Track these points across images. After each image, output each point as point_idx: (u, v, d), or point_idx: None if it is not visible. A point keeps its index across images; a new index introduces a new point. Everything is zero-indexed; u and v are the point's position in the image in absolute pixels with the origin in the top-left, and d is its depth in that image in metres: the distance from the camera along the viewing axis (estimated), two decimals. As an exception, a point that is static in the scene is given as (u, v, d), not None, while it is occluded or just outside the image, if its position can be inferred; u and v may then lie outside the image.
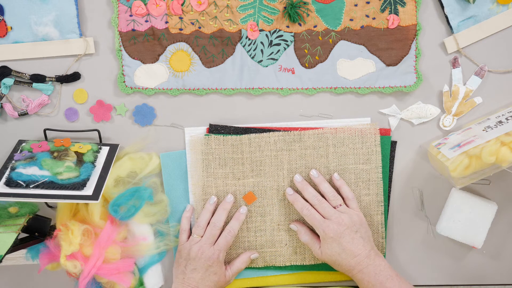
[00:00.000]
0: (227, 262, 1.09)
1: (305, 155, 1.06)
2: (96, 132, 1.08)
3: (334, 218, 1.00)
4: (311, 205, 1.03)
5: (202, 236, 1.05)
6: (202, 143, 1.07)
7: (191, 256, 1.03)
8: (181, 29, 1.04)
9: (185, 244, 1.05)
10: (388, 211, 1.10)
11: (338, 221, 1.00)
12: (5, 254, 0.95)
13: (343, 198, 1.04)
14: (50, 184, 0.97)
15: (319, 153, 1.06)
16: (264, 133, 1.06)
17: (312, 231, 1.06)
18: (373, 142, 1.06)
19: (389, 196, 1.10)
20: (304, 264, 1.09)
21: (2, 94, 1.06)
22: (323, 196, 1.04)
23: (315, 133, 1.06)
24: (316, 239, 1.04)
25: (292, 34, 1.05)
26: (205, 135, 1.07)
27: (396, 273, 0.99)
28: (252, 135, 1.06)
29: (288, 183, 1.06)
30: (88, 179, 0.99)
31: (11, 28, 1.04)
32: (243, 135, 1.06)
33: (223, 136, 1.06)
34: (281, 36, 1.05)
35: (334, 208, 1.02)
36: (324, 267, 1.11)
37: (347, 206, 1.03)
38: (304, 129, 1.07)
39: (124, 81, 1.06)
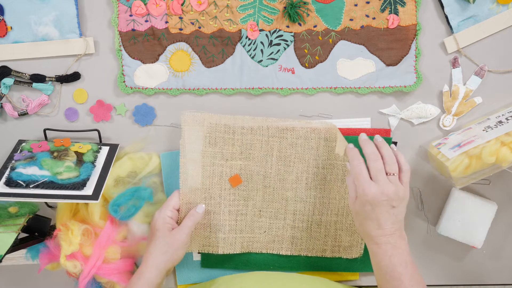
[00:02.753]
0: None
1: (296, 145, 1.05)
2: (96, 132, 1.08)
3: (381, 183, 0.93)
4: (368, 161, 0.95)
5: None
6: (194, 120, 1.05)
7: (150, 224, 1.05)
8: (181, 29, 1.04)
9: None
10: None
11: (382, 188, 0.92)
12: (5, 254, 0.96)
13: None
14: (50, 184, 0.97)
15: (310, 144, 1.05)
16: (258, 118, 1.05)
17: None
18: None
19: (389, 196, 1.10)
20: (280, 253, 1.09)
21: (2, 94, 1.06)
22: None
23: (308, 125, 1.05)
24: (354, 188, 0.96)
25: (292, 34, 1.05)
26: (200, 112, 1.06)
27: (412, 261, 0.93)
28: (246, 117, 1.05)
29: (275, 170, 1.06)
30: (88, 179, 0.99)
31: (11, 28, 1.04)
32: (237, 116, 1.05)
33: (217, 115, 1.05)
34: (281, 36, 1.05)
35: (386, 174, 0.95)
36: (324, 267, 1.11)
37: (399, 178, 0.96)
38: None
39: (124, 81, 1.06)
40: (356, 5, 1.03)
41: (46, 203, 1.09)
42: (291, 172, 1.06)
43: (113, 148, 1.07)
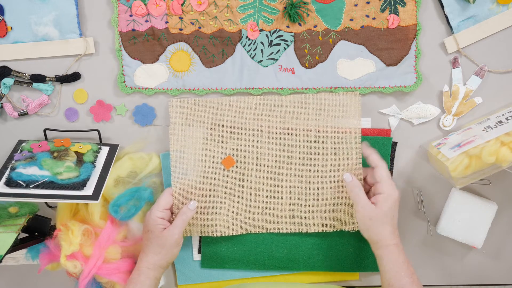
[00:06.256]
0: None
1: (285, 121, 1.06)
2: (96, 132, 1.08)
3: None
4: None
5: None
6: (182, 106, 1.06)
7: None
8: (181, 29, 1.05)
9: None
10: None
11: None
12: (5, 254, 0.96)
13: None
14: (50, 184, 0.97)
15: (300, 119, 1.05)
16: (245, 97, 1.06)
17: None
18: (354, 111, 1.05)
19: (389, 196, 1.10)
20: (280, 231, 1.08)
21: (2, 94, 1.06)
22: None
23: (296, 98, 1.05)
24: (365, 195, 1.00)
25: (292, 34, 1.05)
26: (187, 98, 1.06)
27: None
28: (233, 98, 1.06)
29: (267, 148, 1.06)
30: (88, 179, 0.99)
31: (11, 28, 1.04)
32: (224, 97, 1.06)
33: (204, 98, 1.06)
34: (281, 36, 1.05)
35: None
36: (324, 267, 1.11)
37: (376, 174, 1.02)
38: None
39: (124, 81, 1.06)
40: (356, 5, 1.03)
41: (46, 203, 1.09)
42: (283, 148, 1.06)
43: (113, 148, 1.07)
